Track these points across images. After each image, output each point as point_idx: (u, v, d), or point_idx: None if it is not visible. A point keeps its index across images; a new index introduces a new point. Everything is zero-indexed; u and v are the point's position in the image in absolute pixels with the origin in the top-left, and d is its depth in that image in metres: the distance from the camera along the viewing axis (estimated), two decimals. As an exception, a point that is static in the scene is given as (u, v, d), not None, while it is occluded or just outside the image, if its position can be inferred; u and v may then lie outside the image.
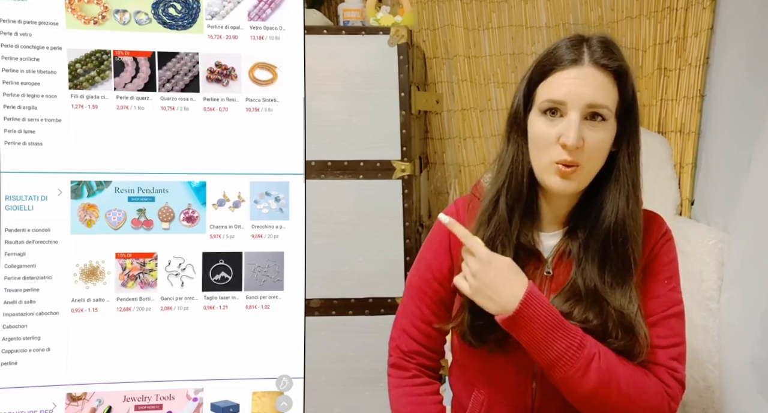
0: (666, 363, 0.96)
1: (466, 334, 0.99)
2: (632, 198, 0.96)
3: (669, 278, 0.99)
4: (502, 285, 0.91)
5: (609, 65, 0.92)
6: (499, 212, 0.98)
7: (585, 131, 0.90)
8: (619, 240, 0.95)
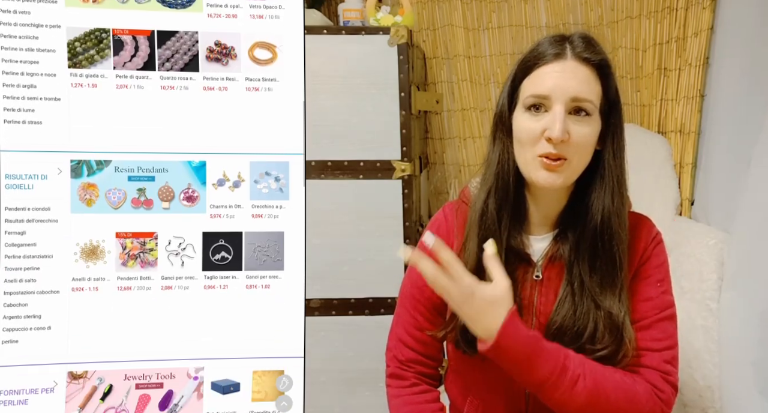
0: (659, 367, 0.95)
1: (459, 342, 0.99)
2: (617, 196, 0.96)
3: (661, 280, 0.99)
4: (482, 317, 0.89)
5: (591, 59, 0.92)
6: (488, 214, 0.97)
7: (570, 125, 0.90)
8: (606, 238, 0.95)
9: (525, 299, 0.98)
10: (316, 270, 1.69)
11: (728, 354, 1.27)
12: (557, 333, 0.95)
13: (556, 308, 0.96)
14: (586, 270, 0.95)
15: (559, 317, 0.95)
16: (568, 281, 0.97)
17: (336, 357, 1.77)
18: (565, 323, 0.94)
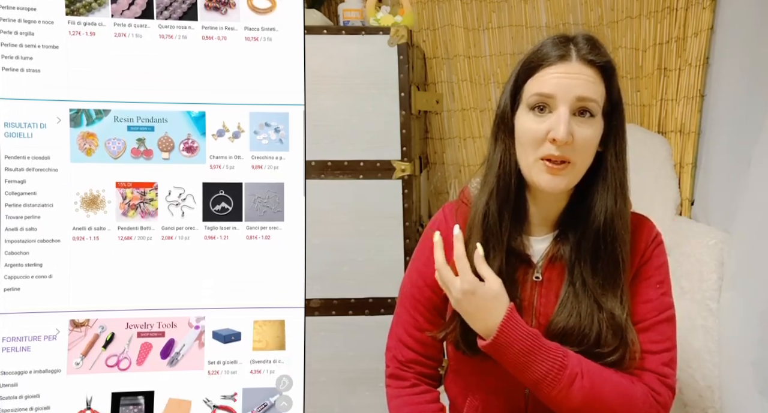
0: (657, 369, 0.95)
1: (459, 343, 0.99)
2: (620, 197, 0.96)
3: (660, 282, 0.99)
4: (482, 314, 0.91)
5: (596, 61, 0.92)
6: (490, 215, 0.97)
7: (574, 127, 0.90)
8: (608, 239, 0.95)
9: (525, 300, 0.98)
10: (316, 270, 1.69)
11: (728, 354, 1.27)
12: (560, 335, 0.94)
13: (558, 310, 0.96)
14: (588, 272, 0.95)
15: (562, 318, 0.95)
16: (569, 282, 0.96)
17: (336, 357, 1.77)
18: (568, 325, 0.94)
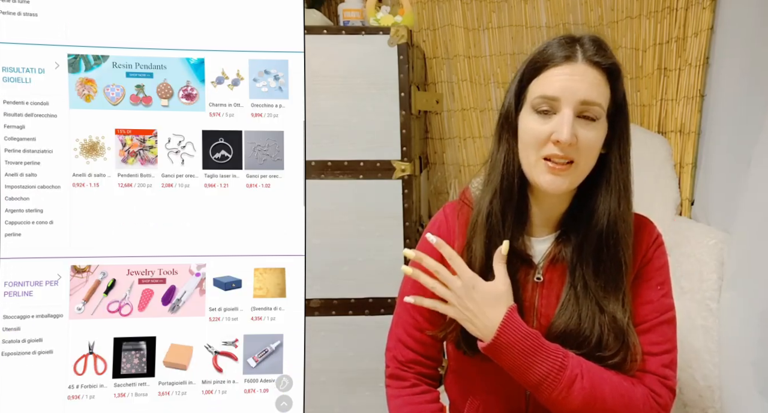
0: (657, 371, 0.95)
1: (459, 343, 0.98)
2: (624, 200, 0.95)
3: (661, 283, 0.99)
4: (483, 311, 0.91)
5: (602, 63, 0.91)
6: (493, 214, 0.97)
7: (577, 129, 0.90)
8: (611, 242, 0.94)
9: (526, 301, 0.98)
10: (316, 270, 1.69)
11: (728, 354, 1.27)
12: (561, 336, 0.94)
13: (559, 311, 0.95)
14: (590, 274, 0.95)
15: (563, 320, 0.94)
16: (570, 283, 0.96)
17: (336, 357, 1.77)
18: (569, 327, 0.94)
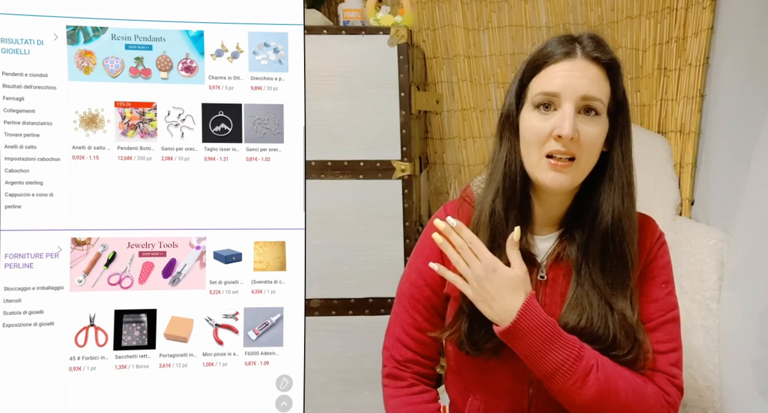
0: (665, 370, 0.95)
1: (463, 343, 0.98)
2: (627, 196, 0.96)
3: (666, 282, 0.99)
4: (502, 295, 0.90)
5: (601, 58, 0.92)
6: (496, 214, 0.97)
7: (579, 125, 0.90)
8: (617, 239, 0.94)
9: None
10: (316, 270, 1.69)
11: (728, 354, 1.27)
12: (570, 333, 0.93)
13: (566, 310, 0.95)
14: (597, 272, 0.95)
15: (571, 319, 0.94)
16: (577, 282, 0.96)
17: (336, 357, 1.77)
18: (579, 325, 0.93)
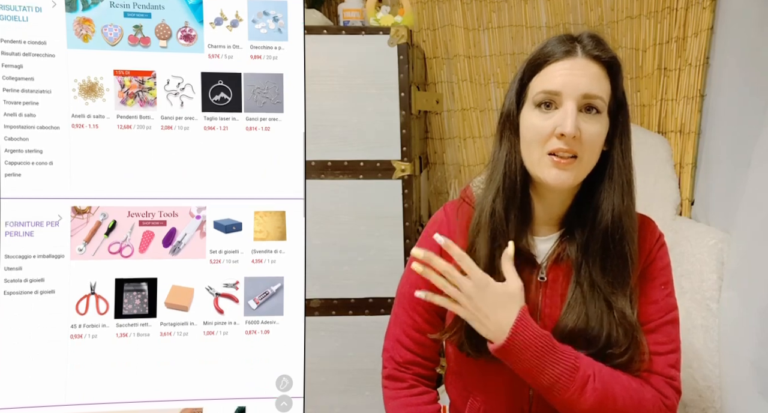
0: (664, 372, 0.95)
1: (463, 345, 0.98)
2: (627, 195, 0.95)
3: (665, 283, 0.99)
4: (495, 312, 0.89)
5: (602, 56, 0.92)
6: (496, 214, 0.96)
7: (581, 123, 0.90)
8: (617, 237, 0.94)
9: (530, 301, 0.97)
10: (316, 270, 1.69)
11: (728, 354, 1.27)
12: (569, 336, 0.94)
13: (566, 311, 0.95)
14: (597, 271, 0.95)
15: (570, 319, 0.94)
16: (576, 281, 0.96)
17: (336, 357, 1.77)
18: (577, 326, 0.93)
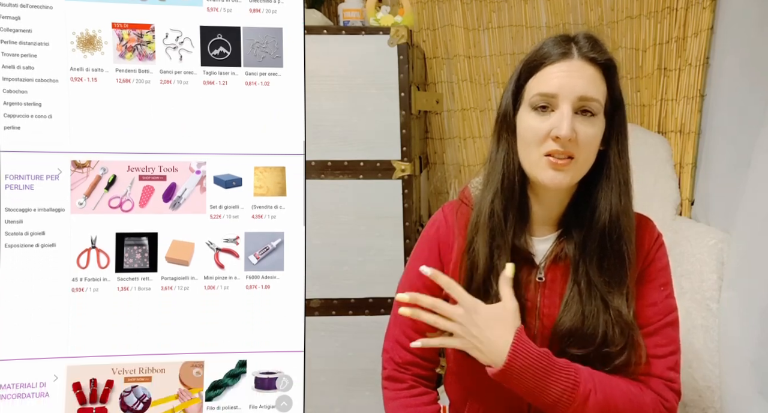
0: (663, 374, 0.95)
1: None
2: (624, 195, 0.95)
3: (664, 284, 0.99)
4: (489, 336, 0.89)
5: (598, 59, 0.92)
6: (495, 214, 0.97)
7: (576, 125, 0.90)
8: (614, 237, 0.94)
9: (528, 301, 0.97)
10: (316, 270, 1.69)
11: (728, 354, 1.27)
12: (566, 336, 0.94)
13: (563, 310, 0.95)
14: (594, 269, 0.95)
15: (567, 319, 0.94)
16: (574, 281, 0.96)
17: (336, 357, 1.77)
18: (574, 325, 0.93)
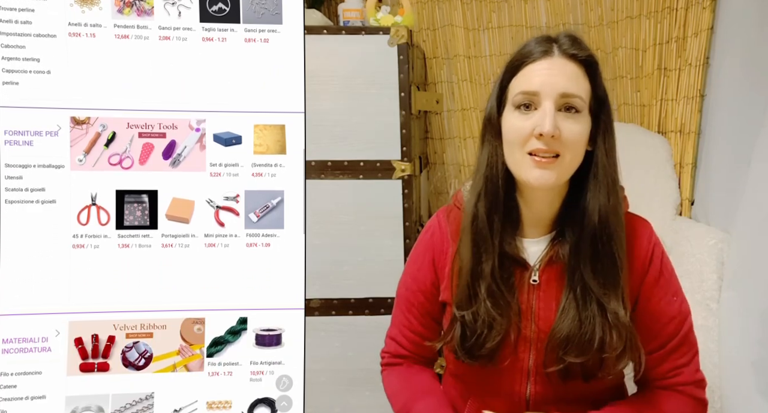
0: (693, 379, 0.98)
1: (457, 352, 0.98)
2: (612, 194, 0.95)
3: (675, 292, 0.99)
4: None
5: (578, 55, 0.92)
6: (479, 217, 0.96)
7: (560, 122, 0.89)
8: (605, 238, 0.94)
9: (523, 304, 0.97)
10: (316, 270, 1.69)
11: (728, 354, 1.27)
12: (564, 342, 0.93)
13: (560, 316, 0.94)
14: (588, 272, 0.94)
15: (565, 325, 0.93)
16: (569, 286, 0.95)
17: (336, 357, 1.77)
18: (571, 332, 0.93)
